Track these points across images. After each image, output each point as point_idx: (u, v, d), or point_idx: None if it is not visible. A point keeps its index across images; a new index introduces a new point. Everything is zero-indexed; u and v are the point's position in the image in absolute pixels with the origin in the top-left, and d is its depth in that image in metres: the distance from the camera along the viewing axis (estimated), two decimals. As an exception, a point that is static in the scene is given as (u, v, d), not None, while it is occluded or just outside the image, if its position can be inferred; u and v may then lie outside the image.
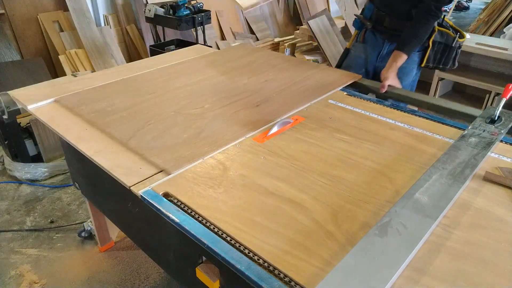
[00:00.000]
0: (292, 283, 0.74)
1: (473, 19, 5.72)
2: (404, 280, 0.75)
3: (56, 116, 1.36)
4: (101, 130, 1.27)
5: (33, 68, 3.24)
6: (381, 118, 1.37)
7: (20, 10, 3.34)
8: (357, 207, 0.94)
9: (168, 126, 1.28)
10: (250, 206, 0.94)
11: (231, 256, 0.79)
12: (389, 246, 0.77)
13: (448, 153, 1.09)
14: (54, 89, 1.56)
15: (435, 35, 1.73)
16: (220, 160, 1.12)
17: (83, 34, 3.56)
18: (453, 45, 1.75)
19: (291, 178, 1.04)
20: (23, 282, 1.79)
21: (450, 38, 1.75)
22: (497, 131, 1.20)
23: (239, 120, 1.32)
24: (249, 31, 4.90)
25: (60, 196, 2.37)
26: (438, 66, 1.82)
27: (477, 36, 3.69)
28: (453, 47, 1.76)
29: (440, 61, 1.81)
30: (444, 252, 0.81)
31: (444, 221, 0.89)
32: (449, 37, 1.75)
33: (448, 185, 0.96)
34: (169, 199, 0.97)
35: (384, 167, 1.10)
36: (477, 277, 0.76)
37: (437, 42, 1.76)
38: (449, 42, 1.75)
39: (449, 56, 1.79)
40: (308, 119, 1.36)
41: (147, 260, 1.90)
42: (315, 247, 0.82)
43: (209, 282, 0.95)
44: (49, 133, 2.51)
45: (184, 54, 2.03)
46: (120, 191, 1.16)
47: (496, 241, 0.85)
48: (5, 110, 2.29)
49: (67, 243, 2.01)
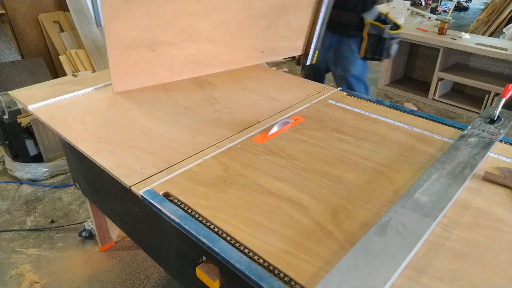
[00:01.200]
0: (292, 282, 0.75)
1: (473, 19, 5.73)
2: (404, 280, 0.75)
3: (56, 116, 1.37)
4: (101, 130, 1.27)
5: (33, 68, 3.24)
6: (381, 118, 1.38)
7: (20, 10, 3.35)
8: (357, 207, 0.94)
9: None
10: (250, 206, 0.94)
11: (231, 255, 0.79)
12: (388, 246, 0.78)
13: (447, 153, 1.09)
14: (55, 89, 1.56)
15: (368, 28, 1.87)
16: (220, 160, 1.12)
17: (84, 34, 3.56)
18: (383, 36, 1.88)
19: (291, 178, 1.05)
20: (23, 281, 1.79)
21: (381, 30, 1.88)
22: (496, 131, 1.21)
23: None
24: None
25: (61, 196, 2.37)
26: (375, 57, 1.96)
27: (477, 36, 3.69)
28: (385, 38, 1.89)
29: (375, 52, 1.94)
30: (443, 252, 0.81)
31: (443, 221, 0.90)
32: (380, 28, 1.88)
33: (447, 185, 0.96)
34: (169, 199, 0.97)
35: (383, 167, 1.10)
36: (477, 277, 0.76)
37: (371, 34, 1.89)
38: (381, 33, 1.88)
39: (383, 47, 1.91)
40: (308, 119, 1.36)
41: (147, 260, 1.90)
42: (315, 247, 0.82)
43: (209, 282, 0.95)
44: (50, 133, 2.52)
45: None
46: (120, 191, 1.16)
47: (495, 241, 0.85)
48: (6, 110, 2.29)
49: (67, 243, 2.02)
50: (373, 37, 1.91)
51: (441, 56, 3.49)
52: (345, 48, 1.98)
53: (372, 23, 1.88)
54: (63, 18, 3.60)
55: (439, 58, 3.51)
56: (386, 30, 1.87)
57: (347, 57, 1.98)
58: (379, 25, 1.88)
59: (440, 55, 3.49)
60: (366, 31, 1.89)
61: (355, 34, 1.94)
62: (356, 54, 1.98)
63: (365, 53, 1.96)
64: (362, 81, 2.08)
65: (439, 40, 3.45)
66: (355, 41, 1.95)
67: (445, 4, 7.38)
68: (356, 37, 1.95)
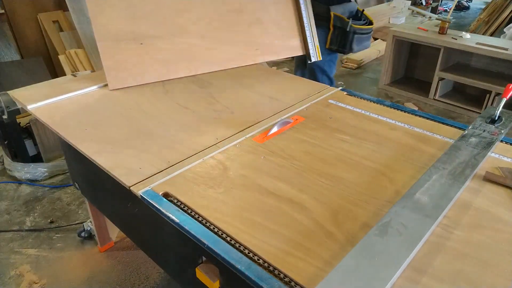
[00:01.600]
0: (292, 283, 0.74)
1: (473, 19, 5.72)
2: (404, 280, 0.74)
3: (56, 116, 1.36)
4: (101, 130, 1.26)
5: (33, 68, 3.24)
6: (381, 118, 1.37)
7: (20, 10, 3.34)
8: (357, 207, 0.94)
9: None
10: (250, 206, 0.94)
11: (231, 256, 0.79)
12: (389, 246, 0.77)
13: (448, 153, 1.09)
14: (54, 89, 1.56)
15: (333, 20, 1.95)
16: (220, 160, 1.12)
17: (83, 34, 3.55)
18: (347, 29, 1.94)
19: (291, 178, 1.04)
20: (22, 282, 1.79)
21: (345, 23, 1.93)
22: (497, 131, 1.20)
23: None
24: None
25: (60, 196, 2.37)
26: (339, 49, 2.03)
27: (477, 36, 3.68)
28: (348, 31, 1.94)
29: (340, 44, 2.01)
30: (444, 252, 0.81)
31: (444, 221, 0.89)
32: (344, 22, 1.93)
33: (448, 185, 0.96)
34: (169, 199, 0.97)
35: (384, 167, 1.10)
36: (477, 277, 0.76)
37: (336, 26, 1.96)
38: (345, 26, 1.94)
39: (346, 40, 1.98)
40: (308, 119, 1.36)
41: (147, 260, 1.90)
42: (315, 247, 0.82)
43: (209, 282, 0.95)
44: (49, 133, 2.51)
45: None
46: (120, 191, 1.16)
47: (496, 241, 0.84)
48: (5, 110, 2.29)
49: (67, 243, 2.01)
50: (338, 29, 1.98)
51: (442, 55, 3.49)
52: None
53: (337, 15, 1.94)
54: (63, 18, 3.59)
55: (439, 58, 3.50)
56: (350, 23, 1.93)
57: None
58: (343, 18, 1.94)
59: (441, 54, 3.49)
60: (332, 23, 1.97)
61: (323, 25, 1.99)
62: (322, 44, 2.02)
63: (330, 43, 2.03)
64: (325, 72, 2.14)
65: (439, 40, 3.45)
66: (321, 31, 2.00)
67: (446, 3, 7.38)
68: (323, 27, 2.00)
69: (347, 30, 1.96)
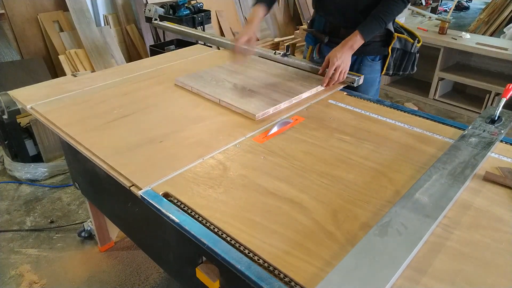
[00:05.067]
0: (292, 283, 0.74)
1: (473, 19, 5.73)
2: (404, 280, 0.74)
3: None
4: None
5: (33, 68, 3.24)
6: (381, 118, 1.37)
7: (20, 10, 3.34)
8: (357, 207, 0.94)
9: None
10: (250, 206, 0.94)
11: (231, 256, 0.79)
12: (389, 246, 0.77)
13: (448, 153, 1.09)
14: (54, 89, 1.56)
15: (394, 42, 1.65)
16: (220, 160, 1.12)
17: (83, 34, 3.56)
18: (412, 50, 1.70)
19: (291, 178, 1.04)
20: (23, 282, 1.79)
21: (408, 44, 1.68)
22: (497, 131, 1.20)
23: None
24: (249, 31, 4.89)
25: (60, 196, 2.37)
26: (398, 73, 1.77)
27: (477, 36, 3.69)
28: (412, 52, 1.70)
29: (399, 67, 1.75)
30: (444, 252, 0.81)
31: (444, 221, 0.89)
32: (407, 42, 1.68)
33: (448, 185, 0.96)
34: (169, 199, 0.97)
35: (384, 167, 1.10)
36: (477, 277, 0.76)
37: (396, 48, 1.69)
38: (408, 48, 1.69)
39: (408, 62, 1.73)
40: (308, 119, 1.36)
41: (147, 260, 1.90)
42: (315, 247, 0.82)
43: (209, 282, 0.95)
44: (49, 133, 2.51)
45: (184, 54, 2.03)
46: (120, 191, 1.16)
47: (496, 241, 0.84)
48: (5, 110, 2.29)
49: (67, 243, 2.01)
50: (397, 52, 1.70)
51: (442, 55, 3.49)
52: (365, 69, 1.69)
53: (400, 36, 1.65)
54: (63, 18, 3.60)
55: (439, 58, 3.51)
56: (415, 44, 1.67)
57: (368, 78, 1.69)
58: (407, 39, 1.67)
59: (441, 54, 3.49)
60: (391, 45, 1.65)
61: (379, 51, 1.67)
62: (378, 73, 1.73)
63: (387, 69, 1.72)
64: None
65: (439, 40, 3.45)
66: (377, 59, 1.70)
67: (446, 3, 7.37)
68: (379, 54, 1.68)
69: (411, 51, 1.69)
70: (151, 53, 3.26)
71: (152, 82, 1.65)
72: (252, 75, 1.67)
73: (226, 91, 1.50)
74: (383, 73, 1.75)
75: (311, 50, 1.83)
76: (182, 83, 1.58)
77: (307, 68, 1.75)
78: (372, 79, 1.73)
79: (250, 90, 1.52)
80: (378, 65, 1.72)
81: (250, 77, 1.65)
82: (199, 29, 3.42)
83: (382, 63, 1.72)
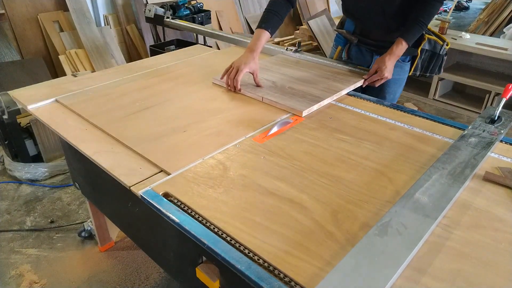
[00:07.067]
0: (292, 283, 0.74)
1: (473, 19, 5.72)
2: (404, 280, 0.75)
3: (56, 116, 1.36)
4: (101, 130, 1.27)
5: (33, 68, 3.24)
6: (381, 118, 1.37)
7: (20, 10, 3.35)
8: (357, 207, 0.94)
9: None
10: (250, 206, 0.94)
11: (231, 256, 0.79)
12: (389, 246, 0.77)
13: (448, 153, 1.09)
14: (54, 89, 1.56)
15: (424, 43, 1.66)
16: (220, 160, 1.12)
17: (83, 34, 3.56)
18: (440, 52, 1.70)
19: (291, 178, 1.04)
20: (23, 282, 1.79)
21: (438, 46, 1.70)
22: (497, 131, 1.21)
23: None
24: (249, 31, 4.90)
25: (60, 196, 2.37)
26: (425, 74, 1.77)
27: (477, 36, 3.69)
28: (440, 54, 1.71)
29: (427, 69, 1.75)
30: (444, 252, 0.81)
31: (444, 221, 0.89)
32: (437, 44, 1.70)
33: (448, 185, 0.96)
34: (169, 199, 0.97)
35: (384, 167, 1.10)
36: (477, 277, 0.76)
37: (425, 50, 1.70)
38: (437, 49, 1.70)
39: (436, 64, 1.74)
40: (308, 119, 1.36)
41: (147, 260, 1.90)
42: (315, 247, 0.82)
43: (209, 282, 0.95)
44: (49, 133, 2.52)
45: (184, 54, 2.03)
46: (120, 191, 1.16)
47: (496, 241, 0.85)
48: (5, 110, 2.29)
49: (67, 243, 2.01)
50: (426, 53, 1.71)
51: (441, 56, 3.48)
52: (395, 70, 1.64)
53: (430, 38, 1.66)
54: (63, 18, 3.60)
55: (439, 58, 3.50)
56: (444, 46, 1.68)
57: (397, 79, 1.69)
58: (437, 41, 1.68)
59: (440, 55, 3.48)
60: (421, 46, 1.66)
61: (409, 51, 1.64)
62: (406, 74, 1.74)
63: (414, 70, 1.73)
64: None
65: (439, 40, 3.44)
66: (407, 60, 1.71)
67: (446, 3, 7.37)
68: (409, 54, 1.69)
69: (439, 53, 1.69)
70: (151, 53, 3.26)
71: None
72: (286, 73, 1.71)
73: (266, 89, 1.54)
74: (410, 74, 1.75)
75: (340, 50, 1.86)
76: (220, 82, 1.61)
77: (338, 67, 1.78)
78: (401, 80, 1.75)
79: (290, 88, 1.55)
80: (407, 66, 1.74)
81: (284, 75, 1.69)
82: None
83: (410, 64, 1.74)
